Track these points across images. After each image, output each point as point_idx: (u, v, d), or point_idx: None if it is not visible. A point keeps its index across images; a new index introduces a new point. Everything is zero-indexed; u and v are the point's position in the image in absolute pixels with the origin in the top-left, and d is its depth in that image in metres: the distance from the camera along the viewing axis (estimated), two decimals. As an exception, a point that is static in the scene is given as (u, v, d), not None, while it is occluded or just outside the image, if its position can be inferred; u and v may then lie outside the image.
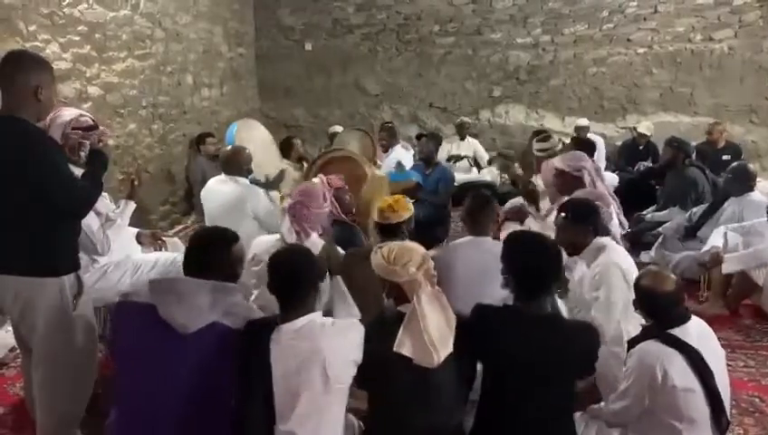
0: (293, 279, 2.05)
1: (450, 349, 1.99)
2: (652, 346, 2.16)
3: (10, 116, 2.24)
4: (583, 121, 7.19)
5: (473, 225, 3.04)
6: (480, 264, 2.74)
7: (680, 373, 2.10)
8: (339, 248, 3.09)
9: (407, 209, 2.98)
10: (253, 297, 2.93)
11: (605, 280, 2.68)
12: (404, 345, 1.99)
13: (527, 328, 2.07)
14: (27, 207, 2.25)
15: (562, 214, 2.90)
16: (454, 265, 2.83)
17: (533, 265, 2.11)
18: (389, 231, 2.94)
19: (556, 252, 2.17)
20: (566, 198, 3.26)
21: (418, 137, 7.05)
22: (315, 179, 3.65)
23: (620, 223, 3.35)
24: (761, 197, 4.49)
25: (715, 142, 6.40)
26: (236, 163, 3.98)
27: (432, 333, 1.98)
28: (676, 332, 2.18)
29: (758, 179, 6.12)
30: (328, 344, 1.96)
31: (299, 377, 1.93)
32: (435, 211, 5.06)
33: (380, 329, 2.09)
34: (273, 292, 2.07)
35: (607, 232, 2.92)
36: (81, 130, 2.71)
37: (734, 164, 4.74)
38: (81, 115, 2.85)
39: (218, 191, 3.92)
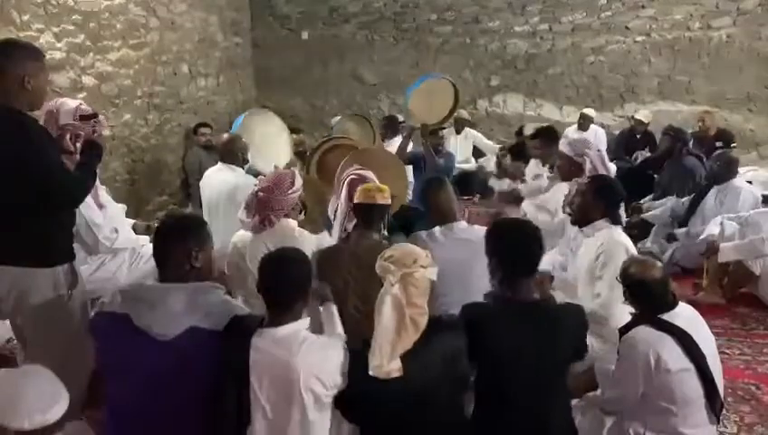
0: (282, 283, 1.96)
1: (397, 364, 1.85)
2: (643, 332, 2.17)
3: (1, 106, 2.22)
4: (590, 112, 7.11)
5: (437, 214, 2.87)
6: (454, 253, 2.65)
7: (673, 357, 2.12)
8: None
9: (401, 198, 2.89)
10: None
11: (610, 258, 2.68)
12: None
13: (517, 319, 2.04)
14: (21, 197, 2.24)
15: (586, 181, 2.93)
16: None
17: (519, 247, 2.12)
18: (371, 214, 2.72)
19: (539, 233, 2.17)
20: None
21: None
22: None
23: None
24: (741, 183, 4.53)
25: (707, 130, 6.38)
26: (232, 151, 3.97)
27: (380, 341, 1.85)
28: (666, 317, 2.20)
29: (755, 167, 6.18)
30: (303, 360, 1.87)
31: (274, 387, 1.88)
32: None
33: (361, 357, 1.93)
34: (260, 292, 1.99)
35: (619, 221, 2.93)
36: (84, 118, 2.71)
37: (717, 153, 4.76)
38: (81, 104, 2.84)
39: (215, 180, 3.93)
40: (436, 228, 2.81)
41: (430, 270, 1.95)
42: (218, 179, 3.90)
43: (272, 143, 4.52)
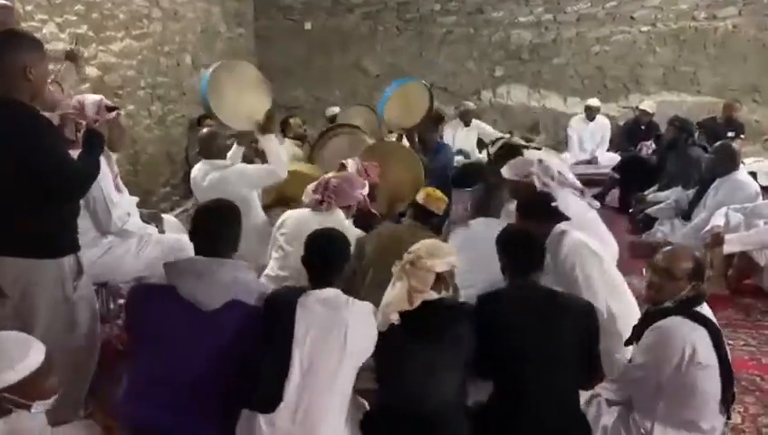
0: (328, 258, 2.22)
1: (396, 316, 2.14)
2: (680, 323, 2.15)
3: (2, 97, 2.21)
4: (594, 102, 7.11)
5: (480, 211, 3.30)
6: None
7: (705, 350, 2.12)
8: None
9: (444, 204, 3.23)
10: (270, 265, 3.14)
11: (577, 259, 2.71)
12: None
13: (525, 301, 2.23)
14: (25, 188, 2.23)
15: (516, 213, 2.97)
16: (473, 246, 2.94)
17: (522, 244, 2.39)
18: (422, 216, 3.15)
19: (535, 234, 2.51)
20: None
21: None
22: (350, 161, 3.60)
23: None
24: (745, 177, 4.47)
25: (730, 119, 6.34)
26: (212, 147, 3.85)
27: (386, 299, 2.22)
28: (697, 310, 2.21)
29: (760, 158, 6.15)
30: (351, 317, 2.09)
31: (319, 341, 2.05)
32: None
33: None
34: (306, 265, 2.23)
35: (564, 217, 2.91)
36: (109, 110, 2.75)
37: (717, 144, 4.71)
38: (103, 98, 2.86)
39: (201, 183, 3.81)
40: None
41: (436, 262, 2.20)
42: (204, 182, 3.80)
43: (248, 96, 3.92)
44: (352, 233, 3.07)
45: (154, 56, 6.04)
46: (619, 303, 2.70)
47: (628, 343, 2.39)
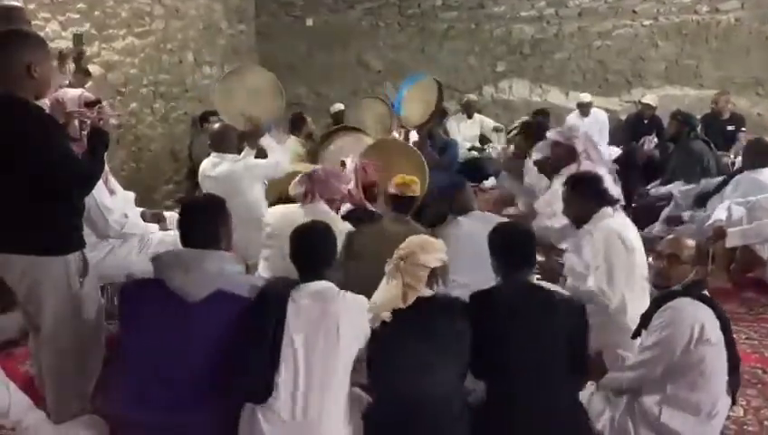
0: (315, 251, 2.23)
1: (387, 314, 2.13)
2: (688, 303, 2.22)
3: (7, 95, 2.22)
4: (586, 97, 7.11)
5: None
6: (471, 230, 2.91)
7: (713, 328, 2.18)
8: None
9: (420, 189, 3.18)
10: (261, 266, 3.08)
11: (605, 247, 2.73)
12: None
13: (517, 300, 2.23)
14: (29, 186, 2.24)
15: (564, 187, 2.99)
16: (461, 239, 2.93)
17: (511, 241, 2.37)
18: (402, 204, 3.10)
19: (528, 231, 2.50)
20: (570, 171, 3.37)
21: None
22: (348, 160, 3.64)
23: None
24: (766, 177, 4.41)
25: (721, 112, 6.30)
26: (224, 141, 3.93)
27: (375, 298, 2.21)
28: None
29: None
30: (342, 310, 2.10)
31: (311, 334, 2.06)
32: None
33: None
34: (294, 260, 2.23)
35: (614, 200, 2.96)
36: (89, 105, 2.71)
37: (752, 138, 4.70)
38: (83, 92, 2.85)
39: (210, 176, 3.87)
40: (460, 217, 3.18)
41: (430, 258, 2.20)
42: (214, 174, 3.86)
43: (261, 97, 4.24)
44: (341, 227, 3.04)
45: (156, 54, 6.05)
46: (638, 299, 2.71)
47: (636, 333, 2.41)
